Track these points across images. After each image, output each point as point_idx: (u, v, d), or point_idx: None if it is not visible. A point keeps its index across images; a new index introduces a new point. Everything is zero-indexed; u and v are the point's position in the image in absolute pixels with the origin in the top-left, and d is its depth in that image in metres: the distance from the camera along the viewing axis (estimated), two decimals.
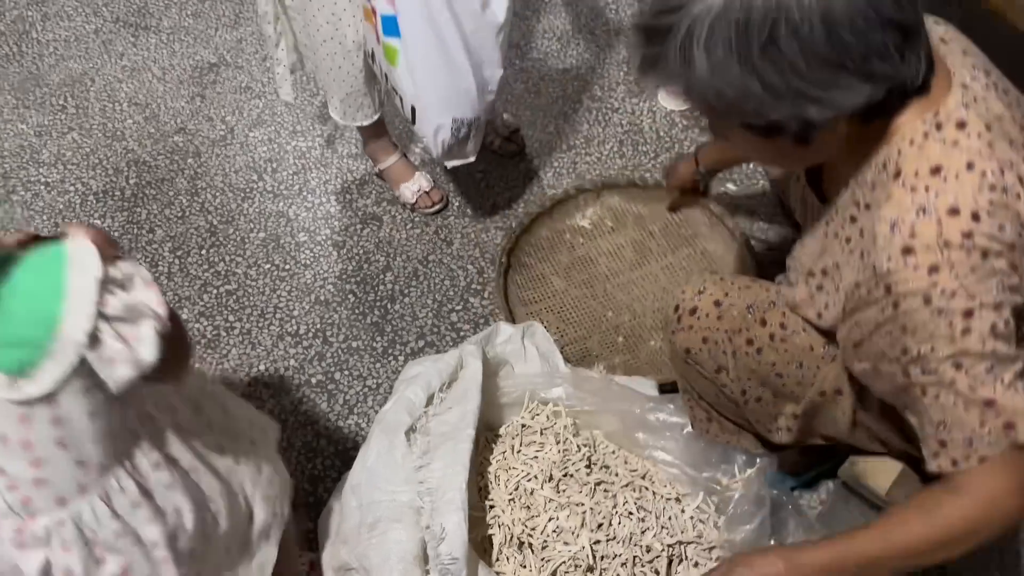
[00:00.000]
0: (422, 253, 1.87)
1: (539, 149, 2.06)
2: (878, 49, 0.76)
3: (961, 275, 0.80)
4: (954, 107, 0.83)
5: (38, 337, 0.77)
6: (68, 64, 2.37)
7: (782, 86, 0.77)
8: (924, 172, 0.82)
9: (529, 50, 2.30)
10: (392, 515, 1.17)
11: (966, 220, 0.80)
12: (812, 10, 0.73)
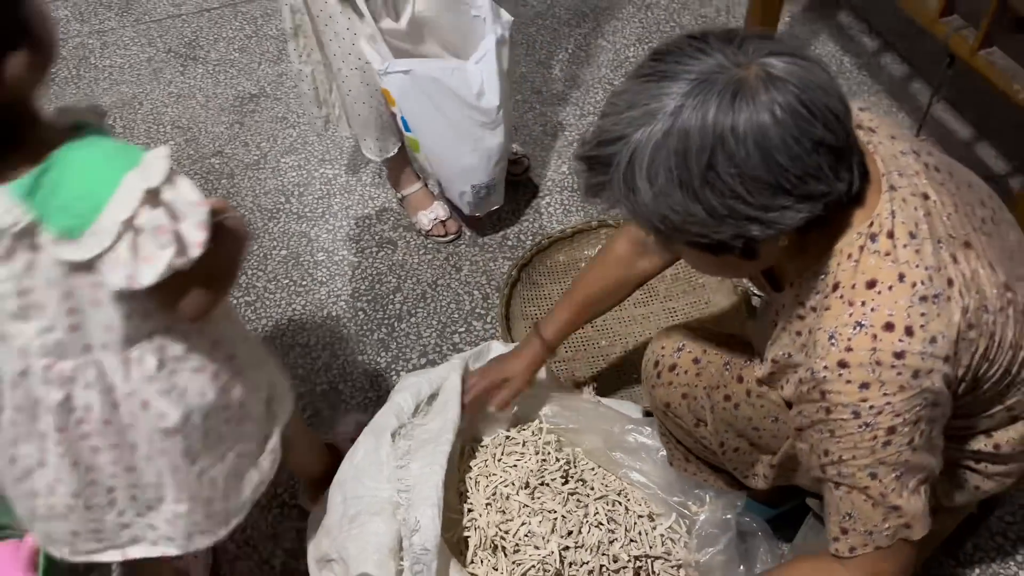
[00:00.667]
0: (431, 277, 1.97)
1: (551, 187, 2.16)
2: (813, 171, 0.78)
3: (889, 393, 0.84)
4: (885, 216, 0.87)
5: (83, 213, 0.87)
6: (120, 88, 2.54)
7: (724, 209, 0.79)
8: (860, 286, 0.86)
9: (549, 96, 2.42)
10: (372, 509, 1.23)
11: (900, 336, 0.83)
12: (747, 137, 0.76)
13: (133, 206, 0.86)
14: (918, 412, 0.86)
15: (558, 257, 1.90)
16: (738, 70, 0.78)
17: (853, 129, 0.84)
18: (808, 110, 0.77)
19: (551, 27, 2.67)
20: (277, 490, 1.62)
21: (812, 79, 0.78)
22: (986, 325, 0.89)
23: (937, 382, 0.86)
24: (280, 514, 1.60)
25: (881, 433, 0.86)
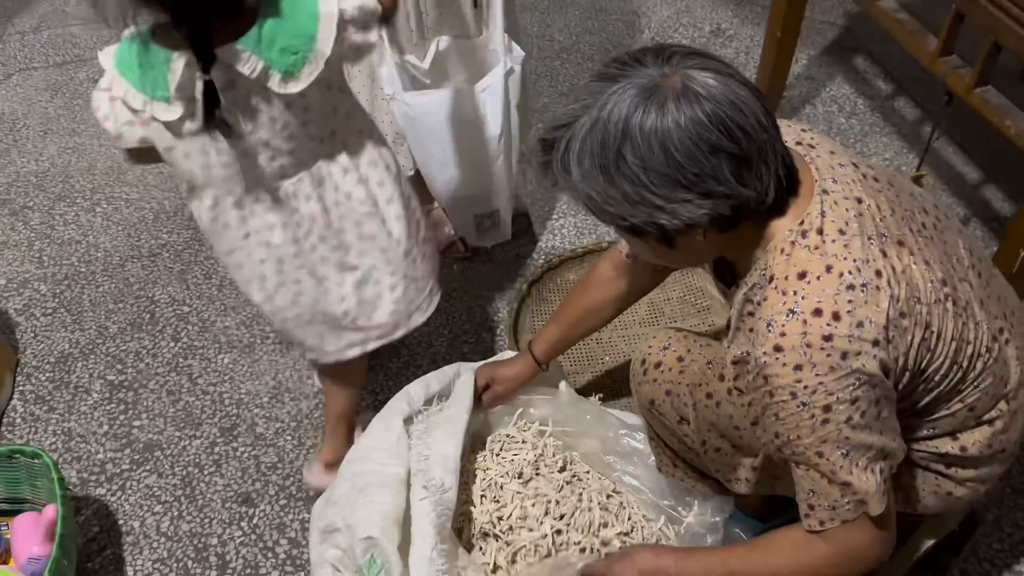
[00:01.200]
0: (446, 290, 2.04)
1: (566, 211, 2.24)
2: (710, 172, 0.88)
3: (821, 374, 0.91)
4: (815, 216, 0.95)
5: (302, 47, 1.12)
6: None
7: (634, 195, 0.89)
8: (793, 277, 0.93)
9: None
10: (380, 483, 1.30)
11: (827, 321, 0.90)
12: (651, 135, 0.86)
13: (336, 21, 1.13)
14: (852, 392, 0.92)
15: (568, 275, 1.97)
16: (661, 79, 0.88)
17: (767, 141, 0.91)
18: (709, 119, 0.87)
19: (575, 61, 2.78)
20: (285, 482, 1.69)
21: (726, 94, 0.88)
22: (919, 315, 0.95)
23: (868, 364, 0.91)
24: (287, 505, 1.66)
25: (818, 412, 0.92)
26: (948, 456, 1.10)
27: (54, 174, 2.44)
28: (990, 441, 1.08)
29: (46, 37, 3.03)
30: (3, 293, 2.10)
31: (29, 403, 1.86)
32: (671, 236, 0.94)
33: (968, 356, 1.01)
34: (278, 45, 1.11)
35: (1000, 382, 1.06)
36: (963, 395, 1.04)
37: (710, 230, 0.94)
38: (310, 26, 1.12)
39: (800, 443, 0.95)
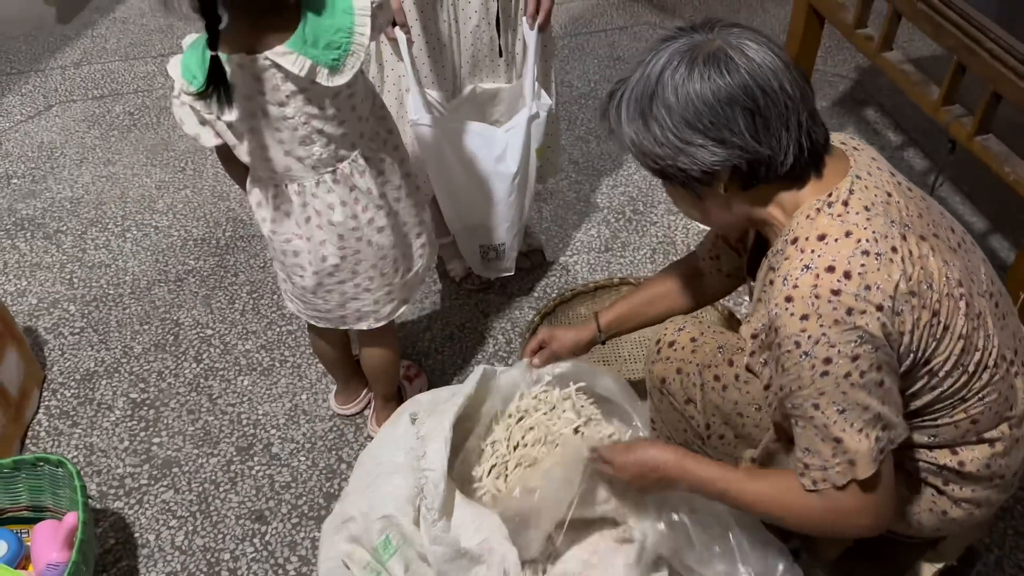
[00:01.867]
0: (460, 320, 2.10)
1: (579, 248, 2.30)
2: (724, 121, 0.98)
3: (825, 325, 0.96)
4: (844, 190, 1.02)
5: (343, 40, 1.24)
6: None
7: (661, 137, 1.01)
8: (813, 238, 1.00)
9: (585, 167, 2.59)
10: (390, 471, 1.36)
11: (838, 278, 0.96)
12: (679, 84, 0.99)
13: (368, 20, 1.24)
14: (854, 348, 0.96)
15: (579, 309, 2.02)
16: (702, 42, 1.00)
17: (789, 107, 0.99)
18: (730, 74, 0.97)
19: (592, 107, 2.87)
20: (298, 501, 1.74)
21: (754, 55, 0.98)
22: (929, 299, 0.99)
23: (871, 324, 0.96)
24: (299, 523, 1.70)
25: (819, 363, 0.97)
26: (946, 470, 1.12)
27: (88, 201, 2.54)
28: (988, 461, 1.11)
29: (86, 72, 3.17)
30: (34, 312, 2.18)
31: (54, 417, 1.92)
32: (695, 184, 1.04)
33: (975, 362, 1.05)
34: (322, 42, 1.22)
35: (1005, 402, 1.10)
36: (967, 405, 1.07)
37: (731, 186, 1.03)
38: (347, 20, 1.23)
39: (800, 394, 0.99)
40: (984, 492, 1.14)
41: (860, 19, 1.99)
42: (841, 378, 0.97)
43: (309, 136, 1.32)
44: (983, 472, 1.12)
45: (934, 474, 1.14)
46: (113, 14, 3.57)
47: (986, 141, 1.65)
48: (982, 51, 1.58)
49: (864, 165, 1.06)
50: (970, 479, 1.12)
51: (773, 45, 1.00)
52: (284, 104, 1.27)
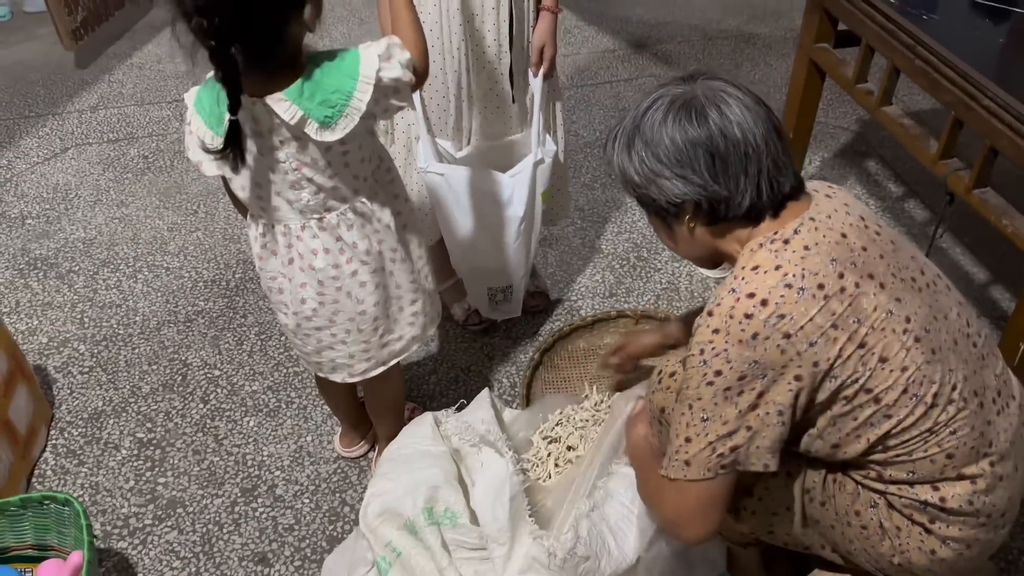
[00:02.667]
0: (464, 363, 2.12)
1: (584, 293, 2.33)
2: (688, 161, 1.10)
3: (729, 343, 1.05)
4: (790, 230, 1.11)
5: (340, 102, 1.26)
6: (207, 180, 2.83)
7: (639, 167, 1.14)
8: (748, 268, 1.09)
9: (590, 213, 2.63)
10: (432, 454, 1.53)
11: (755, 303, 1.05)
12: (655, 123, 1.12)
13: (374, 81, 1.27)
14: (744, 370, 1.05)
15: (578, 342, 2.04)
16: (684, 90, 1.13)
17: (752, 155, 1.08)
18: (697, 120, 1.09)
19: (597, 155, 2.92)
20: (301, 544, 1.74)
21: (727, 105, 1.09)
22: (854, 332, 1.06)
23: (771, 352, 1.04)
24: (301, 566, 1.70)
25: (710, 372, 1.07)
26: (929, 506, 1.14)
27: (100, 242, 2.58)
28: (971, 498, 1.13)
29: (102, 116, 3.24)
30: (44, 351, 2.20)
31: (60, 456, 1.93)
32: (664, 214, 1.17)
33: (933, 394, 1.09)
34: (318, 98, 1.25)
35: (981, 438, 1.13)
36: (939, 438, 1.11)
37: (696, 220, 1.15)
38: (348, 84, 1.27)
39: (685, 392, 1.10)
40: (971, 531, 1.16)
41: (860, 74, 2.03)
42: (720, 390, 1.07)
43: (299, 182, 1.35)
44: (966, 508, 1.13)
45: (919, 511, 1.16)
46: (130, 60, 3.66)
47: (984, 194, 1.69)
48: (979, 107, 1.62)
49: (825, 209, 1.14)
50: (955, 515, 1.14)
51: (748, 99, 1.11)
52: (277, 148, 1.31)
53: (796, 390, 1.07)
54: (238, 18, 1.16)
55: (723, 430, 1.08)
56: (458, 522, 1.41)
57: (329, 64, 1.28)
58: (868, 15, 1.91)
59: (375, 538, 1.46)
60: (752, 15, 3.96)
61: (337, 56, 1.29)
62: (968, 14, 1.91)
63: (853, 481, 1.21)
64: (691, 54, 3.61)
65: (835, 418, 1.11)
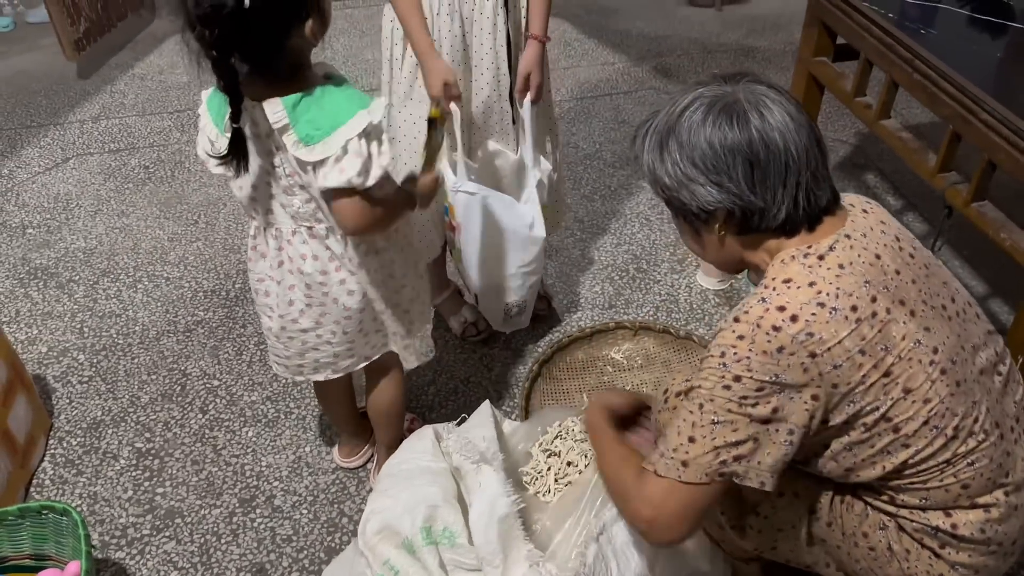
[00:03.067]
0: (464, 374, 2.12)
1: (583, 304, 2.33)
2: (723, 166, 1.05)
3: (753, 351, 1.02)
4: (824, 246, 1.07)
5: (325, 127, 1.26)
6: (207, 190, 2.84)
7: (671, 170, 1.10)
8: (779, 280, 1.06)
9: (590, 225, 2.64)
10: (432, 472, 1.53)
11: (784, 318, 1.02)
12: (693, 126, 1.07)
13: (356, 133, 1.26)
14: (763, 382, 1.02)
15: (577, 354, 2.04)
16: (725, 92, 1.08)
17: (791, 165, 1.04)
18: (739, 125, 1.04)
19: (597, 167, 2.93)
20: (299, 555, 1.73)
21: (768, 112, 1.05)
22: (880, 360, 1.03)
23: (794, 369, 1.01)
24: None
25: (728, 376, 1.03)
26: (940, 532, 1.13)
27: (101, 251, 2.58)
28: (983, 526, 1.12)
29: (104, 126, 3.25)
30: (43, 360, 2.20)
31: (59, 466, 1.93)
32: (693, 220, 1.12)
33: (954, 427, 1.07)
34: (307, 116, 1.27)
35: (999, 469, 1.11)
36: (956, 469, 1.09)
37: (726, 228, 1.11)
38: (338, 120, 1.27)
39: (697, 391, 1.06)
40: (981, 558, 1.15)
41: (859, 88, 2.05)
42: (736, 397, 1.03)
43: (291, 187, 1.37)
44: (978, 536, 1.12)
45: (930, 536, 1.15)
46: (132, 70, 3.67)
47: (982, 208, 1.69)
48: (977, 121, 1.63)
49: (862, 227, 1.10)
50: (965, 542, 1.13)
51: (791, 106, 1.07)
52: (274, 153, 1.34)
53: (812, 410, 1.04)
54: (238, 30, 1.17)
55: (732, 437, 1.04)
56: (456, 542, 1.40)
57: (338, 91, 1.29)
58: (867, 29, 1.93)
59: (373, 556, 1.45)
60: (751, 29, 3.98)
61: (349, 90, 1.30)
62: (966, 28, 1.93)
63: (863, 502, 1.19)
64: (690, 67, 3.63)
65: (852, 444, 1.09)
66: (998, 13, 1.96)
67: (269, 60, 1.25)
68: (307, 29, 1.26)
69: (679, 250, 2.52)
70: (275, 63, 1.26)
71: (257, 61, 1.25)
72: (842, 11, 2.02)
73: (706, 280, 2.38)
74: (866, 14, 1.93)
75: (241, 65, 1.23)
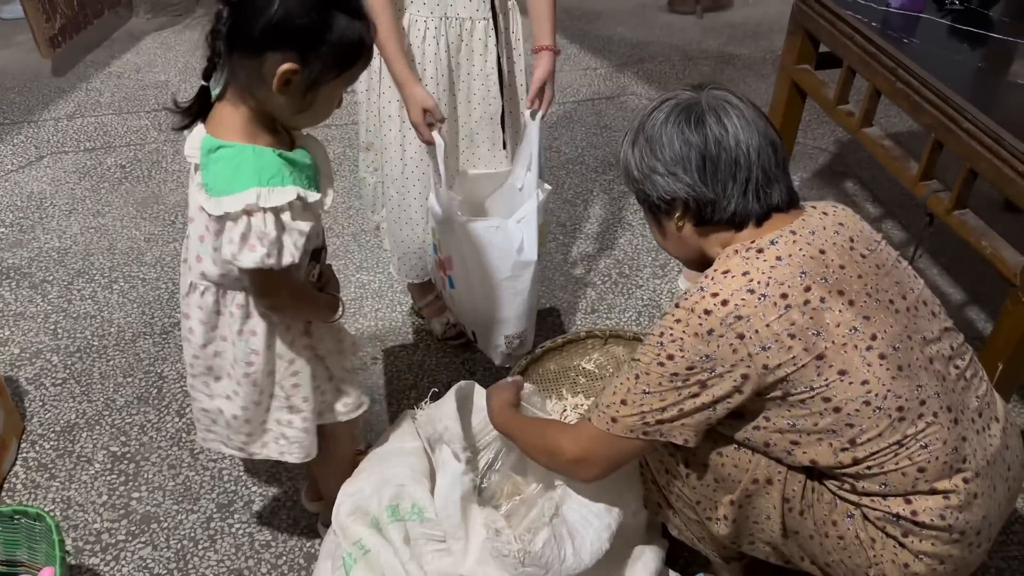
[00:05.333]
0: (446, 379, 2.11)
1: (565, 309, 2.32)
2: (680, 159, 1.17)
3: (686, 333, 1.13)
4: (765, 241, 1.17)
5: (216, 187, 1.15)
6: (185, 190, 2.79)
7: (638, 162, 1.22)
8: (719, 271, 1.17)
9: (573, 231, 2.63)
10: (404, 451, 1.56)
11: (716, 303, 1.12)
12: (656, 122, 1.20)
13: (240, 208, 1.13)
14: (695, 362, 1.13)
15: (549, 366, 2.03)
16: (690, 96, 1.20)
17: (743, 163, 1.15)
18: (695, 122, 1.17)
19: (580, 172, 2.93)
20: (278, 561, 1.71)
21: (726, 114, 1.16)
22: (811, 343, 1.11)
23: (723, 349, 1.11)
24: None
25: (663, 354, 1.15)
26: (901, 519, 1.16)
27: (75, 251, 2.54)
28: (942, 512, 1.14)
29: (79, 124, 3.20)
30: (16, 361, 2.16)
31: (31, 470, 1.89)
32: (657, 211, 1.24)
33: (898, 407, 1.13)
34: (215, 164, 1.17)
35: (955, 453, 1.15)
36: (910, 452, 1.14)
37: (685, 220, 1.22)
38: (232, 186, 1.15)
39: (637, 363, 1.19)
40: (944, 547, 1.17)
41: (841, 95, 2.06)
42: (668, 374, 1.15)
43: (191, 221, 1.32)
44: (938, 523, 1.15)
45: (892, 523, 1.17)
46: (108, 68, 3.62)
47: (963, 216, 1.71)
48: (959, 130, 1.64)
49: (812, 225, 1.18)
50: (927, 528, 1.16)
51: (749, 111, 1.18)
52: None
53: (739, 386, 1.13)
54: (236, 19, 1.12)
55: (658, 406, 1.17)
56: (425, 516, 1.44)
57: (247, 157, 1.16)
58: (850, 37, 1.94)
59: (344, 536, 1.48)
60: (731, 36, 4.01)
61: (264, 161, 1.17)
62: (948, 38, 1.95)
63: (829, 491, 1.23)
64: (672, 73, 3.64)
65: (794, 420, 1.16)
66: (979, 23, 1.98)
67: (212, 66, 1.16)
68: (277, 75, 1.12)
69: (661, 255, 2.52)
70: (237, 73, 1.16)
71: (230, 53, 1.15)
72: (825, 19, 2.04)
73: (687, 285, 2.38)
74: (850, 23, 1.94)
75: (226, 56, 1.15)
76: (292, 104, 1.17)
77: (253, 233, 1.15)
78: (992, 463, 1.20)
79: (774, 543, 1.31)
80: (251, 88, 1.16)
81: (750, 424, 1.21)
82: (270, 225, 1.15)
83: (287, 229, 1.17)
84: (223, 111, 1.19)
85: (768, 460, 1.24)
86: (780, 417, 1.17)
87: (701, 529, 1.39)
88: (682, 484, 1.36)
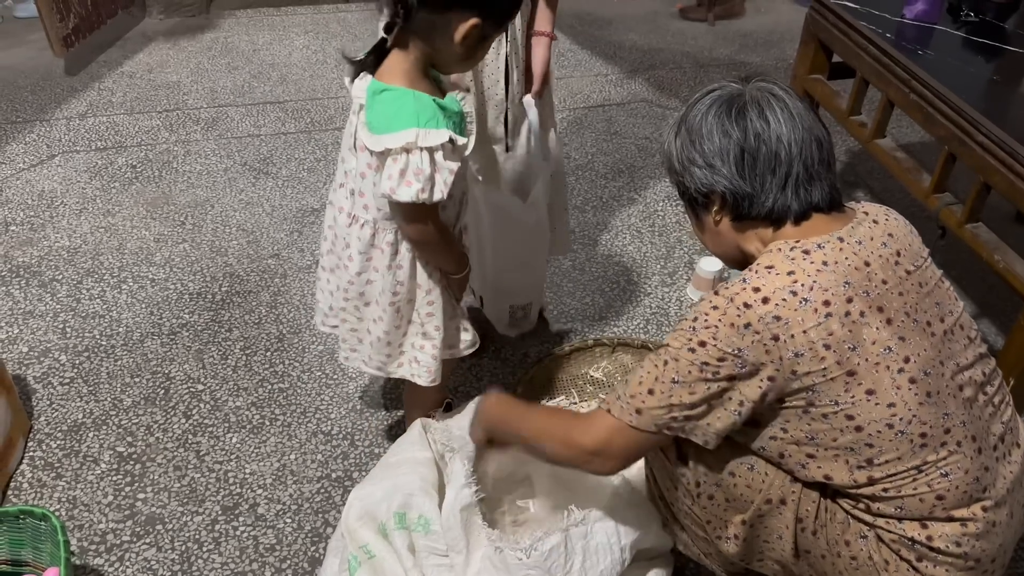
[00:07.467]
0: (453, 384, 2.10)
1: (573, 315, 2.32)
2: (718, 151, 1.16)
3: (722, 322, 1.09)
4: (811, 244, 1.13)
5: (378, 126, 1.30)
6: (195, 191, 2.81)
7: (679, 153, 1.21)
8: (762, 267, 1.13)
9: (581, 236, 2.63)
10: (414, 461, 1.55)
11: (756, 298, 1.09)
12: (698, 113, 1.19)
13: (400, 145, 1.27)
14: (725, 352, 1.09)
15: (557, 374, 2.03)
16: (734, 88, 1.19)
17: (783, 157, 1.13)
18: (736, 113, 1.15)
19: (589, 178, 2.92)
20: (282, 565, 1.70)
21: (769, 107, 1.14)
22: (844, 359, 1.08)
23: (755, 348, 1.08)
24: None
25: (695, 340, 1.11)
26: (916, 543, 1.14)
27: (85, 251, 2.55)
28: (959, 539, 1.13)
29: (91, 123, 3.21)
30: (24, 360, 2.16)
31: (37, 469, 1.89)
32: (695, 204, 1.23)
33: (921, 434, 1.10)
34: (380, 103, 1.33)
35: (976, 483, 1.13)
36: (929, 479, 1.11)
37: (723, 215, 1.20)
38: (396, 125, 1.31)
39: (666, 349, 1.15)
40: (959, 573, 1.15)
41: (854, 106, 2.05)
42: (698, 363, 1.11)
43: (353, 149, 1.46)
44: (953, 550, 1.13)
45: (907, 547, 1.15)
46: (121, 68, 3.63)
47: (976, 229, 1.70)
48: (972, 143, 1.63)
49: (860, 234, 1.14)
50: (942, 555, 1.14)
51: (795, 105, 1.15)
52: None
53: (766, 389, 1.10)
54: None
55: (687, 399, 1.13)
56: (431, 528, 1.43)
57: (407, 98, 1.30)
58: (864, 48, 1.93)
59: (351, 539, 1.49)
60: (743, 44, 4.00)
61: (423, 102, 1.31)
62: (962, 50, 1.94)
63: (843, 511, 1.21)
64: (683, 80, 3.64)
65: (813, 433, 1.13)
66: (994, 36, 1.97)
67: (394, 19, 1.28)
68: (463, 30, 1.27)
69: (670, 263, 2.51)
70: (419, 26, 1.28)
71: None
72: (839, 29, 2.03)
73: (696, 294, 2.37)
74: (863, 33, 1.93)
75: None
76: (463, 53, 1.31)
77: (410, 169, 1.28)
78: (1012, 491, 1.18)
79: (784, 562, 1.29)
80: (430, 39, 1.29)
81: (767, 433, 1.18)
82: (426, 163, 1.28)
83: (439, 168, 1.30)
84: (394, 59, 1.33)
85: (782, 480, 1.22)
86: (799, 429, 1.14)
87: (708, 546, 1.37)
88: (692, 502, 1.34)
